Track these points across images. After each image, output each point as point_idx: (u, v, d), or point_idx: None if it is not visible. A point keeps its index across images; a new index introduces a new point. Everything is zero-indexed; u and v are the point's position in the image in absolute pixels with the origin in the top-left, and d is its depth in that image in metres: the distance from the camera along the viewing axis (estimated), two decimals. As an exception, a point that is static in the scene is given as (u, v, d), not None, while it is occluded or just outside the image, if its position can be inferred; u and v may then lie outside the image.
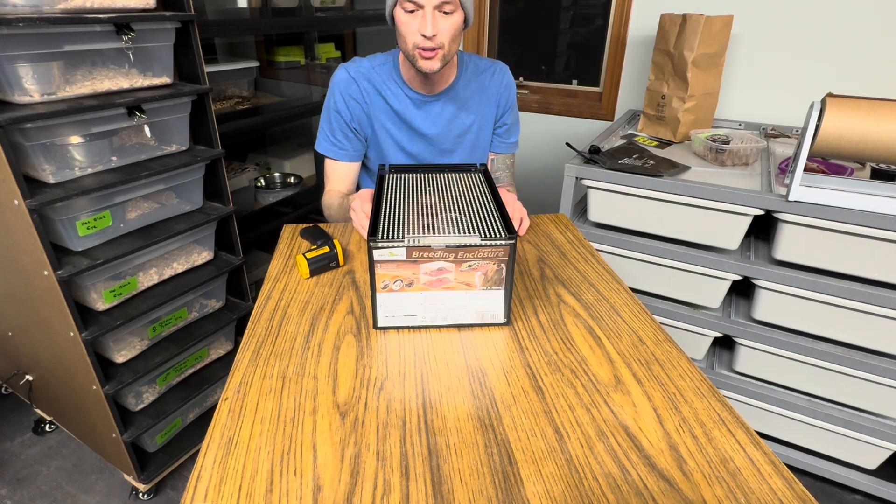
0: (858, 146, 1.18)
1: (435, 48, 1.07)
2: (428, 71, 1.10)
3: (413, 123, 1.25)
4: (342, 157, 1.29)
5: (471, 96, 1.27)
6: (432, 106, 1.24)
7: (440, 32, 1.06)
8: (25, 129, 1.11)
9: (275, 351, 0.79)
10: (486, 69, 1.28)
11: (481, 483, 0.58)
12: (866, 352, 1.41)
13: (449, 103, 1.25)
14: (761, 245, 1.56)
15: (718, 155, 1.57)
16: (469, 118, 1.28)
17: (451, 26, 1.07)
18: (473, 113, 1.28)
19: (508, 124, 1.35)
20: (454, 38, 1.09)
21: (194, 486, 0.58)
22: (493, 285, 0.82)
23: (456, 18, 1.07)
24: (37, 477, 1.64)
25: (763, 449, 0.63)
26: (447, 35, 1.07)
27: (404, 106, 1.23)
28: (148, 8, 1.26)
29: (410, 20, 1.06)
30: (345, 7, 2.31)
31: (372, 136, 1.28)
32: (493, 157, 1.39)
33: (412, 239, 0.77)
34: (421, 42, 1.06)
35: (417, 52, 1.08)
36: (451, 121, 1.27)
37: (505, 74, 1.30)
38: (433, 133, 1.27)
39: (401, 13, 1.07)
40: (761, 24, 1.85)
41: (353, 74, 1.22)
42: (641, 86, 2.13)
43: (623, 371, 0.76)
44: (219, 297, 1.66)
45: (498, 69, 1.30)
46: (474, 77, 1.27)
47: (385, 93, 1.22)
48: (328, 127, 1.27)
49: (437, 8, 1.04)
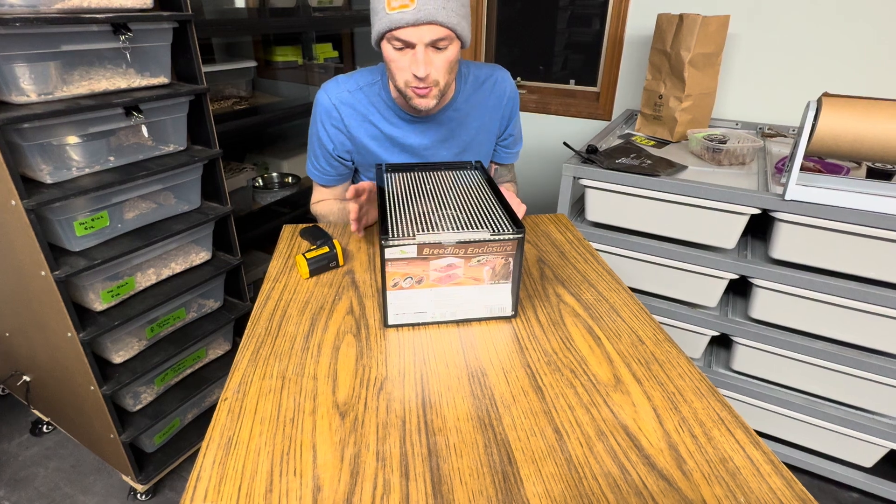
0: (854, 145, 1.19)
1: (429, 86, 0.98)
2: (423, 108, 1.02)
3: (406, 143, 1.16)
4: (329, 183, 1.24)
5: (470, 111, 1.17)
6: (429, 124, 1.16)
7: (434, 70, 0.97)
8: (22, 130, 1.11)
9: (274, 351, 0.79)
10: (486, 79, 1.18)
11: (481, 483, 0.58)
12: (863, 350, 1.41)
13: (447, 121, 1.16)
14: (758, 244, 1.56)
15: (715, 154, 1.58)
16: (468, 134, 1.20)
17: (446, 61, 0.97)
18: (473, 129, 1.20)
19: (514, 135, 1.29)
20: (450, 71, 1.00)
21: (194, 487, 0.58)
22: (500, 279, 0.83)
23: (451, 52, 0.97)
24: (35, 478, 1.64)
25: (762, 448, 0.63)
26: (442, 71, 0.98)
27: (395, 127, 1.14)
28: (145, 8, 1.26)
29: (400, 57, 0.97)
30: (342, 7, 2.31)
31: (361, 160, 1.20)
32: (496, 168, 1.34)
33: (423, 236, 0.77)
34: (413, 81, 0.98)
35: (411, 91, 1.00)
36: (448, 139, 1.19)
37: (506, 83, 1.21)
38: (429, 152, 1.20)
39: (389, 49, 0.97)
40: (758, 23, 1.86)
41: (334, 101, 1.11)
42: (639, 85, 2.14)
43: (623, 371, 0.76)
44: (217, 298, 1.66)
45: (498, 78, 1.19)
46: (474, 90, 1.17)
47: (373, 117, 1.13)
48: (313, 153, 1.21)
49: (429, 45, 0.94)
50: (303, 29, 2.20)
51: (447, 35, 0.94)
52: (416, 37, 0.93)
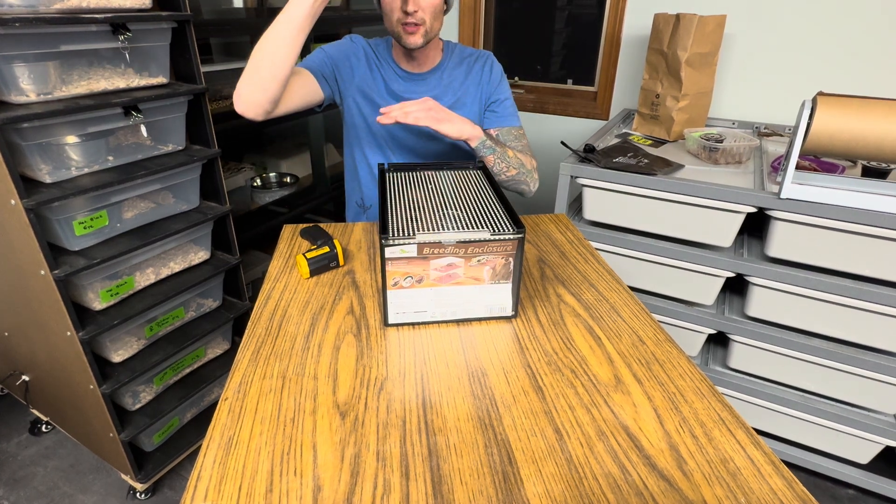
0: (849, 144, 1.19)
1: (417, 23, 1.14)
2: (412, 45, 1.17)
3: (400, 95, 1.29)
4: (304, 64, 1.24)
5: (455, 79, 1.32)
6: (419, 83, 1.31)
7: (420, 8, 1.13)
8: (22, 129, 1.11)
9: (275, 351, 0.79)
10: (471, 55, 1.34)
11: (481, 483, 0.59)
12: (858, 347, 1.42)
13: (434, 82, 1.31)
14: (754, 242, 1.57)
15: (712, 153, 1.58)
16: (451, 98, 1.32)
17: (431, 4, 1.14)
18: (457, 94, 1.32)
19: (500, 99, 1.35)
20: (435, 15, 1.16)
21: (194, 486, 0.58)
22: (501, 279, 0.83)
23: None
24: (34, 477, 1.64)
25: (763, 449, 0.64)
26: (428, 11, 1.14)
27: (393, 79, 1.30)
28: (144, 8, 1.25)
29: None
30: (340, 7, 2.31)
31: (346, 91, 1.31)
32: (497, 132, 1.35)
33: (423, 236, 0.77)
34: (403, 18, 1.14)
35: (401, 28, 1.15)
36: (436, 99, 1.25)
37: (489, 59, 1.35)
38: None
39: None
40: (754, 23, 1.86)
41: (353, 41, 1.31)
42: (636, 85, 2.14)
43: (623, 371, 0.76)
44: (215, 297, 1.66)
45: (482, 55, 1.35)
46: (459, 62, 1.33)
47: (379, 65, 1.31)
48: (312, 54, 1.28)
49: None
50: (301, 28, 2.19)
51: None
52: None
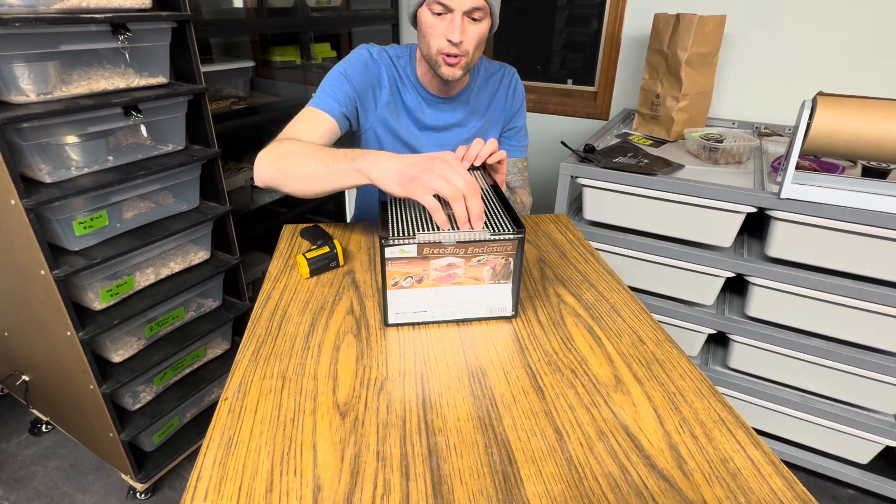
0: (849, 144, 1.19)
1: (459, 55, 1.04)
2: (450, 78, 1.07)
3: (422, 121, 1.21)
4: (328, 109, 1.09)
5: (481, 102, 1.25)
6: (444, 108, 1.21)
7: (467, 39, 1.02)
8: (22, 129, 1.11)
9: (275, 351, 0.79)
10: (495, 73, 1.26)
11: (481, 483, 0.59)
12: (858, 347, 1.42)
13: (460, 107, 1.22)
14: (754, 242, 1.57)
15: (712, 153, 1.58)
16: (478, 123, 1.26)
17: (478, 33, 1.04)
18: (482, 118, 1.26)
19: (517, 127, 1.32)
20: (479, 45, 1.06)
21: (194, 486, 0.58)
22: (501, 279, 0.83)
23: (483, 26, 1.04)
24: (34, 477, 1.64)
25: (763, 449, 0.63)
26: (473, 42, 1.04)
27: (416, 103, 1.19)
28: (144, 8, 1.25)
29: (437, 23, 1.02)
30: (340, 7, 2.31)
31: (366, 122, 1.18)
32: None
33: (423, 235, 0.77)
34: (446, 48, 1.02)
35: (441, 58, 1.04)
36: (460, 124, 1.24)
37: (514, 78, 1.28)
38: (439, 133, 1.24)
39: (427, 15, 1.03)
40: (754, 23, 1.86)
41: (375, 56, 1.15)
42: (636, 85, 2.14)
43: (623, 371, 0.76)
44: (215, 297, 1.66)
45: (507, 72, 1.28)
46: (485, 81, 1.25)
47: (399, 86, 1.18)
48: (326, 85, 1.11)
49: (466, 13, 1.00)
50: (301, 29, 2.19)
51: (483, 7, 1.01)
52: (456, 3, 0.99)
